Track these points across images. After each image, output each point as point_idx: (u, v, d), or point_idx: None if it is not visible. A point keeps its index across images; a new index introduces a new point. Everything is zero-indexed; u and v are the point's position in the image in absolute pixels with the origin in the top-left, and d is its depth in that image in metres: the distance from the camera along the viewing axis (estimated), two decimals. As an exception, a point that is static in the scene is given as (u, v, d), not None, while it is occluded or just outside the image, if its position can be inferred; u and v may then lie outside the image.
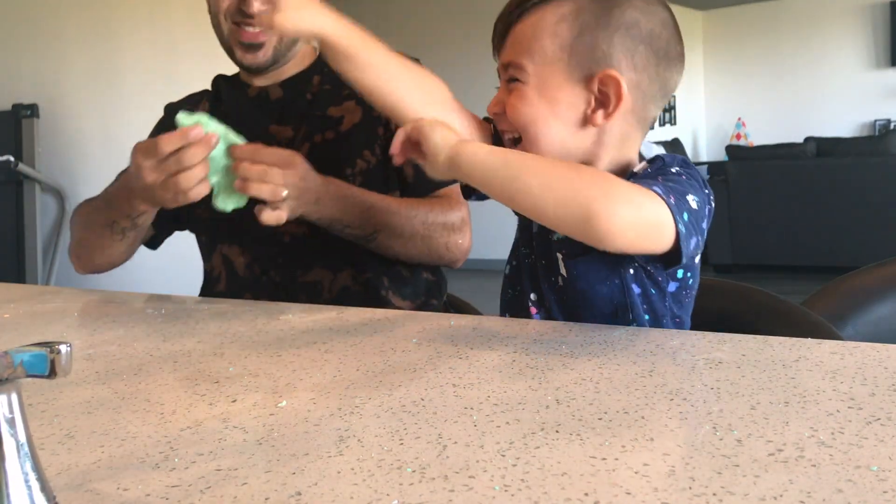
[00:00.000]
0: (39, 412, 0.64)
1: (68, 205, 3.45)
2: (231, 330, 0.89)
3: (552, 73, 0.81)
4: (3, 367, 0.38)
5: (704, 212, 0.77)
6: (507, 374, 0.65)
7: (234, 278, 1.28)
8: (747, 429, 0.50)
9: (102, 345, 0.86)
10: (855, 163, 5.29)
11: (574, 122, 0.82)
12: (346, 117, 1.26)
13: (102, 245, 1.24)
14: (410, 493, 0.44)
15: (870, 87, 8.24)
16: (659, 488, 0.43)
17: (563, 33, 0.81)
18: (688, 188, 0.76)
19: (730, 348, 0.68)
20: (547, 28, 0.81)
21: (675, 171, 0.79)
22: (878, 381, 0.58)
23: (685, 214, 0.73)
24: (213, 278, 1.32)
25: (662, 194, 0.72)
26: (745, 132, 8.54)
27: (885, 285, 1.08)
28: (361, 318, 0.91)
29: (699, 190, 0.78)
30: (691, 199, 0.75)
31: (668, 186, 0.74)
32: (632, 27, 0.80)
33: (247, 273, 1.27)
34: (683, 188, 0.76)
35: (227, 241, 1.29)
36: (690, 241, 0.73)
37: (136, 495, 0.47)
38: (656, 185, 0.73)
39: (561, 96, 0.82)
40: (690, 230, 0.73)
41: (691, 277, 0.84)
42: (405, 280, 1.28)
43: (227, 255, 1.29)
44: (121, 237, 1.21)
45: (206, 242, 1.34)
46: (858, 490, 0.41)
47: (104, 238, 1.22)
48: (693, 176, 0.80)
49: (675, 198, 0.73)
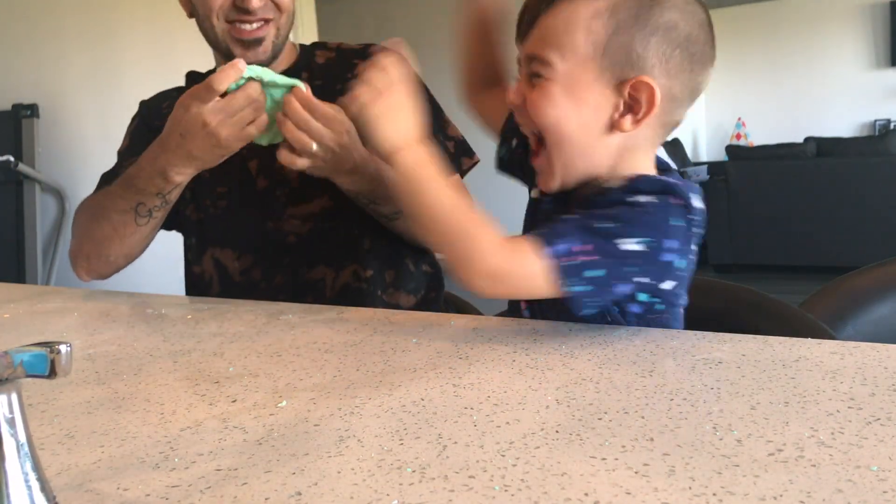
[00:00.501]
0: (39, 412, 0.64)
1: (68, 205, 3.45)
2: (231, 330, 0.89)
3: (582, 72, 0.76)
4: (3, 367, 0.38)
5: (665, 250, 0.74)
6: (507, 374, 0.65)
7: (229, 284, 1.26)
8: (747, 429, 0.50)
9: (102, 345, 0.86)
10: (855, 163, 5.29)
11: (600, 127, 0.78)
12: None
13: (123, 234, 1.17)
14: (410, 493, 0.44)
15: (870, 87, 8.23)
16: (659, 488, 0.43)
17: (597, 30, 0.75)
18: (632, 229, 0.73)
19: (730, 348, 0.68)
20: (580, 23, 0.76)
21: (633, 200, 0.75)
22: (878, 381, 0.58)
23: (591, 272, 0.72)
24: (202, 282, 1.28)
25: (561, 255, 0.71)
26: (745, 132, 8.54)
27: (885, 285, 1.08)
28: (361, 318, 0.91)
29: (658, 226, 0.74)
30: (630, 242, 0.72)
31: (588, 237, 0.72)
32: (671, 30, 0.75)
33: (242, 279, 1.24)
34: (618, 233, 0.72)
35: (219, 245, 1.26)
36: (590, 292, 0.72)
37: (136, 495, 0.47)
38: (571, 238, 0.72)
39: (589, 97, 0.77)
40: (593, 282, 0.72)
41: (661, 303, 0.80)
42: (407, 275, 1.28)
43: (220, 259, 1.27)
44: (146, 220, 1.16)
45: (195, 245, 1.30)
46: (858, 490, 0.41)
47: (125, 226, 1.16)
48: (664, 207, 0.75)
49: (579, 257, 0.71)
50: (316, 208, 1.23)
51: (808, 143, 5.85)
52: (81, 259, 1.23)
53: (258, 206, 1.24)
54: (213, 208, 1.26)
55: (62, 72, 3.53)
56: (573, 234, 0.73)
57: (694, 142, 8.87)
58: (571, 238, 0.72)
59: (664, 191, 0.76)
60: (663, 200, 0.75)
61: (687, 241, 0.76)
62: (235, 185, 1.26)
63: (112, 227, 1.17)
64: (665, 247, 0.74)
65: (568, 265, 0.71)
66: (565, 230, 0.73)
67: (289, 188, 1.24)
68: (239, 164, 1.25)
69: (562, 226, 0.74)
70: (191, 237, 1.31)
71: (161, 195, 1.12)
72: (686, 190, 0.77)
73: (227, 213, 1.26)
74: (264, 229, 1.24)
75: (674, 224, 0.75)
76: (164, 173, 1.09)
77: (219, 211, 1.26)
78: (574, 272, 0.72)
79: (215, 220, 1.26)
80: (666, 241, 0.74)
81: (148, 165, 1.11)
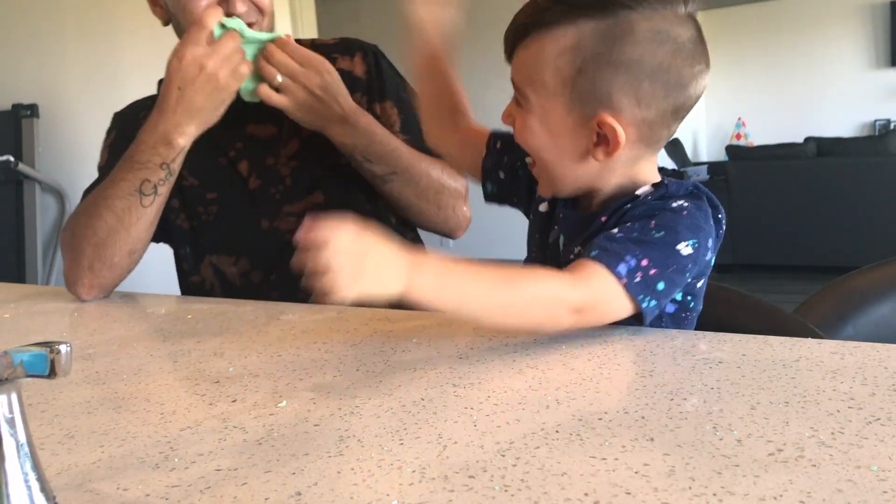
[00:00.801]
0: (39, 412, 0.64)
1: (68, 205, 3.45)
2: (231, 330, 0.89)
3: (553, 107, 0.79)
4: (3, 367, 0.38)
5: (705, 248, 0.76)
6: (507, 374, 0.65)
7: (230, 289, 1.25)
8: (747, 429, 0.50)
9: (102, 345, 0.86)
10: (855, 163, 5.29)
11: (578, 155, 0.80)
12: None
13: (128, 223, 1.12)
14: (410, 493, 0.44)
15: (870, 87, 8.24)
16: (659, 488, 0.43)
17: (563, 68, 0.77)
18: (680, 234, 0.74)
19: (730, 348, 0.68)
20: (548, 60, 0.77)
21: (675, 206, 0.76)
22: (878, 381, 0.58)
23: (658, 285, 0.72)
24: (203, 291, 1.27)
25: (625, 276, 0.71)
26: (745, 132, 8.54)
27: (885, 285, 1.08)
28: (361, 318, 0.91)
29: (700, 227, 0.75)
30: (682, 247, 0.73)
31: (644, 251, 0.72)
32: (635, 64, 0.75)
33: (243, 282, 1.24)
34: (670, 240, 0.73)
35: (216, 251, 1.25)
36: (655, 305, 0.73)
37: (136, 495, 0.47)
38: (628, 256, 0.71)
39: (563, 129, 0.79)
40: (659, 294, 0.73)
41: (692, 300, 0.82)
42: None
43: (218, 266, 1.26)
44: (151, 199, 1.12)
45: (191, 254, 1.28)
46: (858, 490, 0.41)
47: (130, 211, 1.12)
48: (698, 207, 0.77)
49: (643, 273, 0.71)
50: (311, 204, 1.23)
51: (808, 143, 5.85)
52: (82, 273, 1.15)
53: (252, 207, 1.24)
54: (205, 215, 1.25)
55: (62, 72, 3.53)
56: (630, 251, 0.72)
57: (694, 142, 8.88)
58: (630, 255, 0.72)
59: (693, 193, 0.79)
60: (696, 202, 0.77)
61: (718, 239, 0.79)
62: (226, 189, 1.25)
63: (116, 217, 1.12)
64: (707, 245, 0.77)
65: (640, 281, 0.71)
66: (620, 249, 0.72)
67: (283, 186, 1.23)
68: (228, 166, 1.25)
69: (614, 245, 0.73)
70: (184, 246, 1.29)
71: (165, 165, 1.10)
72: (708, 191, 0.80)
73: (219, 219, 1.25)
74: (260, 230, 1.23)
75: (709, 223, 0.77)
76: (166, 138, 1.08)
77: (211, 217, 1.25)
78: (645, 287, 0.72)
79: (208, 226, 1.25)
80: (706, 241, 0.76)
81: (148, 136, 1.10)
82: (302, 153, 1.25)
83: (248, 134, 1.26)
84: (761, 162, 5.59)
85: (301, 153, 1.25)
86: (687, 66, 0.77)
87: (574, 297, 0.71)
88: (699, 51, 0.78)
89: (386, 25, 6.59)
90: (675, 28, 0.76)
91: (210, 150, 1.24)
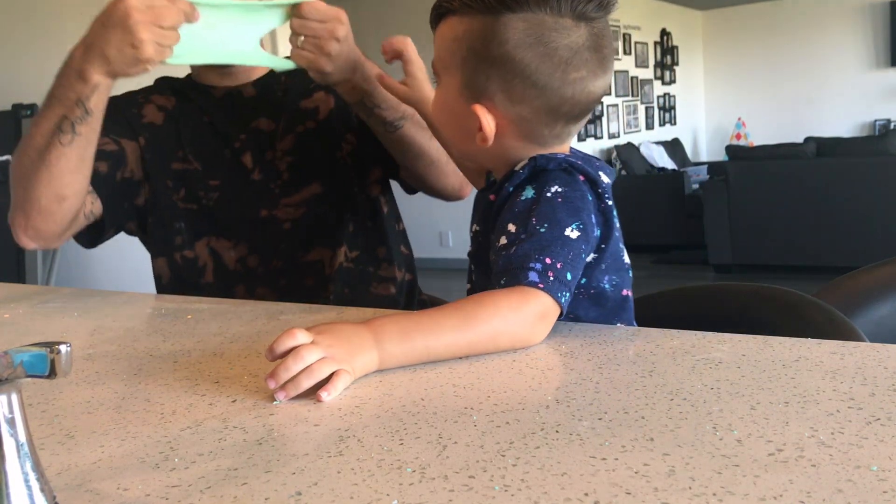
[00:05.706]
0: (39, 412, 0.64)
1: (68, 205, 3.45)
2: (231, 330, 0.89)
3: (452, 86, 0.83)
4: (3, 367, 0.38)
5: (591, 225, 0.77)
6: (507, 374, 0.65)
7: (224, 271, 1.27)
8: (747, 429, 0.50)
9: (102, 345, 0.86)
10: (855, 163, 5.29)
11: (469, 136, 0.83)
12: (321, 107, 1.30)
13: (49, 161, 1.07)
14: (410, 493, 0.44)
15: (870, 87, 8.24)
16: (659, 488, 0.43)
17: (456, 53, 0.82)
18: (563, 221, 0.75)
19: (730, 348, 0.68)
20: (447, 44, 0.83)
21: (549, 195, 0.77)
22: (878, 381, 0.58)
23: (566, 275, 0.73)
24: (195, 268, 1.27)
25: (539, 281, 0.71)
26: (745, 132, 8.54)
27: (885, 285, 1.08)
28: (361, 319, 0.91)
29: (578, 208, 0.76)
30: (570, 231, 0.75)
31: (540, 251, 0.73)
32: (506, 63, 0.78)
33: (238, 266, 1.26)
34: (560, 226, 0.75)
35: (215, 234, 1.27)
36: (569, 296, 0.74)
37: (136, 495, 0.47)
38: (533, 262, 0.72)
39: (457, 110, 0.83)
40: (570, 284, 0.74)
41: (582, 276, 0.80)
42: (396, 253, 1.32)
43: (215, 248, 1.27)
44: (70, 138, 1.06)
45: (186, 230, 1.28)
46: (858, 490, 0.41)
47: (50, 149, 1.07)
48: (572, 189, 0.78)
49: (553, 271, 0.72)
50: (307, 195, 1.26)
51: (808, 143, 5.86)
52: (17, 216, 1.13)
53: (253, 197, 1.27)
54: (206, 199, 1.27)
55: (62, 72, 3.53)
56: (529, 254, 0.73)
57: (694, 142, 8.88)
58: (531, 258, 0.73)
59: (566, 170, 0.80)
60: (570, 183, 0.79)
61: (600, 213, 0.81)
62: (230, 178, 1.27)
63: (38, 152, 1.08)
64: (592, 222, 0.78)
65: (552, 281, 0.72)
66: (519, 256, 0.73)
67: (281, 181, 1.27)
68: (232, 157, 1.27)
69: (514, 253, 0.74)
70: (178, 221, 1.28)
71: (81, 103, 1.05)
72: (585, 166, 0.81)
73: (220, 205, 1.27)
74: (259, 218, 1.26)
75: (585, 201, 0.78)
76: (80, 72, 1.03)
77: (212, 203, 1.27)
78: (560, 283, 0.72)
79: (209, 210, 1.27)
80: (589, 218, 0.78)
81: (68, 70, 1.06)
82: (297, 148, 1.27)
83: (252, 127, 1.29)
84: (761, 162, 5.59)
85: (296, 148, 1.27)
86: (559, 70, 0.78)
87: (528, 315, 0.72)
88: (582, 58, 0.79)
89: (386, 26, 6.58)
90: (553, 34, 0.77)
91: (215, 140, 1.28)
